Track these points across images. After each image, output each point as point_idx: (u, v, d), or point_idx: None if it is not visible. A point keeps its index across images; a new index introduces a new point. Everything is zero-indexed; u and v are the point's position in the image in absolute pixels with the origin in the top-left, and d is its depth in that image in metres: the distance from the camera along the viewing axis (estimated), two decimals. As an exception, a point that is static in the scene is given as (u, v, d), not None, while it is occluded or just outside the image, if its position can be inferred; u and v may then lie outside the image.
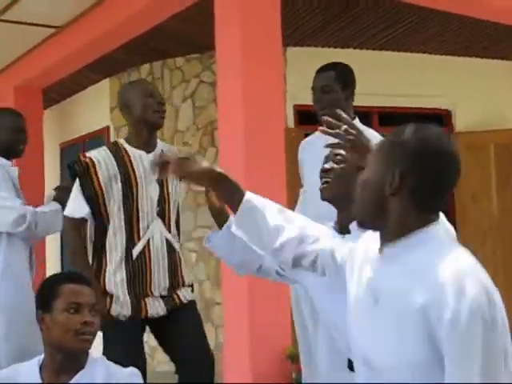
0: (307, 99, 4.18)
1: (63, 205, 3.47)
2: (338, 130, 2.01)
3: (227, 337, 4.34)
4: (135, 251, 3.11)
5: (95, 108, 7.61)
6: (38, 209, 3.57)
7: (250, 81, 4.22)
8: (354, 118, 3.38)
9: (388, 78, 6.57)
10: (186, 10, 5.07)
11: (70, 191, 3.47)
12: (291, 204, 4.51)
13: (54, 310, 2.10)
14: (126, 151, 3.19)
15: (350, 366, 2.25)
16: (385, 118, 6.73)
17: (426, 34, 6.32)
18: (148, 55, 6.70)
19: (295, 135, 5.98)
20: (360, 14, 5.79)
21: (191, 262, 6.23)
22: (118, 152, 3.19)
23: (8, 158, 3.66)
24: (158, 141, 3.32)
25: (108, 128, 7.41)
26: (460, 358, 1.35)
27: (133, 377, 2.11)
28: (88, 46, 5.95)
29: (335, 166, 2.38)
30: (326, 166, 2.40)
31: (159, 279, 3.15)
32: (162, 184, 3.19)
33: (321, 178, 2.42)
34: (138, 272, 3.13)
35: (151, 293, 3.15)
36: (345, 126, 2.00)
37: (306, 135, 6.34)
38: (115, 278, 3.11)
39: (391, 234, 1.55)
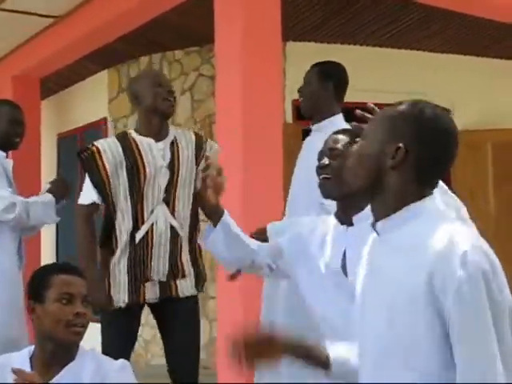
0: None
1: (57, 197, 3.52)
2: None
3: (220, 331, 4.34)
4: (138, 235, 3.17)
5: (93, 99, 7.60)
6: (30, 199, 3.57)
7: (249, 75, 4.21)
8: (337, 113, 3.45)
9: (387, 74, 6.56)
10: (186, 2, 5.06)
11: (64, 184, 3.54)
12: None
13: (45, 301, 2.10)
14: (133, 140, 3.25)
15: None
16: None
17: (426, 32, 6.31)
18: (147, 47, 6.69)
19: (293, 130, 5.98)
20: (361, 10, 5.79)
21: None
22: (125, 140, 3.26)
23: (4, 149, 3.66)
24: (171, 128, 3.37)
25: (106, 119, 7.40)
26: (468, 326, 1.34)
27: (123, 369, 2.11)
28: (87, 37, 5.93)
29: (332, 161, 2.38)
30: (323, 161, 2.40)
31: (159, 264, 3.18)
32: (173, 170, 3.23)
33: (318, 174, 2.42)
34: (139, 256, 3.18)
35: (150, 277, 3.19)
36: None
37: (304, 131, 6.39)
38: (119, 264, 3.19)
39: (385, 208, 1.54)
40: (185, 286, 3.26)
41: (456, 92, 6.85)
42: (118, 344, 3.12)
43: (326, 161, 2.40)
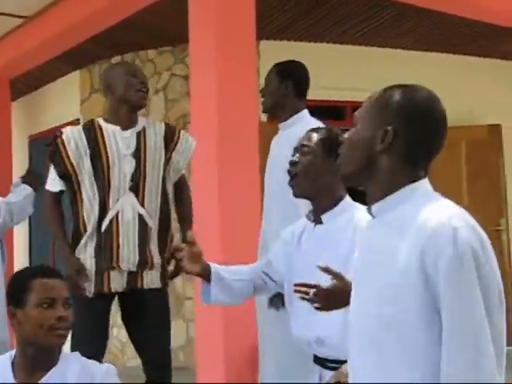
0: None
1: (33, 188, 3.55)
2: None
3: (199, 332, 4.33)
4: (104, 224, 3.18)
5: (65, 100, 7.54)
6: (11, 199, 3.55)
7: (223, 74, 4.21)
8: (301, 110, 3.48)
9: (360, 72, 6.60)
10: (159, 1, 5.04)
11: (37, 176, 3.56)
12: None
13: (26, 305, 2.07)
14: (100, 127, 3.27)
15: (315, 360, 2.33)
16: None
17: (398, 30, 6.36)
18: (119, 47, 6.65)
19: (268, 129, 5.98)
20: (333, 8, 5.81)
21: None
22: (91, 128, 3.28)
23: None
24: (141, 119, 3.37)
25: (78, 121, 7.35)
26: (459, 303, 1.38)
27: (109, 373, 2.09)
28: (57, 37, 5.88)
29: (301, 158, 2.40)
30: (293, 158, 2.42)
31: (128, 253, 3.18)
32: (138, 159, 3.24)
33: (289, 172, 2.43)
34: (105, 245, 3.18)
35: (118, 266, 3.19)
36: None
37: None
38: (85, 252, 3.21)
39: (380, 191, 1.57)
40: (150, 279, 3.25)
41: (428, 88, 6.90)
42: (90, 333, 3.13)
43: (295, 158, 2.43)
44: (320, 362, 2.32)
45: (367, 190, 1.61)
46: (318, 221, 2.39)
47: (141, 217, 3.20)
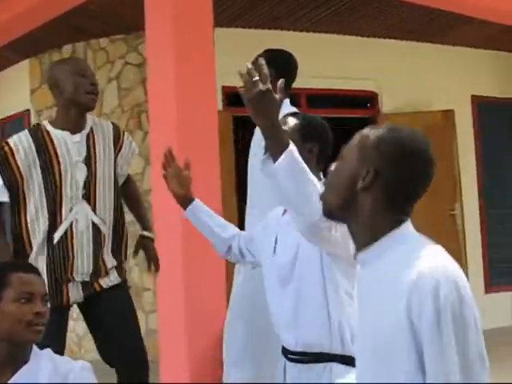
0: (235, 81, 4.15)
1: None
2: (249, 79, 1.95)
3: (161, 323, 4.31)
4: (56, 235, 3.07)
5: (15, 90, 7.39)
6: None
7: (181, 62, 4.18)
8: (283, 99, 3.47)
9: (316, 59, 6.61)
10: (112, -12, 4.97)
11: None
12: (224, 188, 4.51)
13: (2, 300, 2.04)
14: (48, 134, 3.11)
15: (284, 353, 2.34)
16: (313, 100, 6.79)
17: (354, 17, 6.39)
18: (70, 35, 6.54)
19: (224, 117, 5.97)
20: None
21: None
22: (38, 136, 3.11)
23: None
24: (88, 118, 3.22)
25: (28, 111, 7.21)
26: (437, 359, 1.42)
27: (84, 370, 2.06)
28: (6, 25, 5.74)
29: None
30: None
31: (83, 264, 3.10)
32: (89, 165, 3.12)
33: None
34: (59, 257, 3.07)
35: (72, 278, 3.10)
36: (256, 78, 1.95)
37: (234, 118, 6.39)
38: (36, 265, 3.01)
39: (362, 234, 1.59)
40: (107, 281, 3.18)
41: (384, 76, 6.98)
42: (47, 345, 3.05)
43: None
44: (286, 353, 2.33)
45: (350, 231, 1.63)
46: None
47: (94, 225, 3.11)
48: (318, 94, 6.88)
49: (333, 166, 1.67)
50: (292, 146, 1.97)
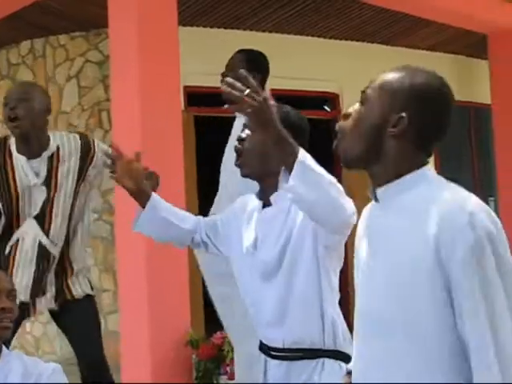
0: (197, 80, 4.17)
1: None
2: (240, 94, 1.85)
3: (123, 325, 4.28)
4: (7, 249, 3.07)
5: (-30, 86, 7.25)
6: None
7: (145, 61, 4.16)
8: None
9: (278, 60, 6.59)
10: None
11: None
12: (188, 185, 4.51)
13: None
14: (10, 152, 3.10)
15: (261, 348, 2.31)
16: (276, 100, 6.79)
17: (316, 18, 6.44)
18: (29, 31, 6.44)
19: (185, 117, 5.95)
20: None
21: (78, 249, 6.09)
22: (1, 150, 3.11)
23: None
24: (53, 137, 3.15)
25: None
26: (476, 286, 1.39)
27: (56, 373, 2.04)
28: (-37, 20, 5.65)
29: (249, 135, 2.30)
30: (241, 134, 2.35)
31: (21, 283, 3.04)
32: (49, 187, 3.09)
33: (236, 150, 2.36)
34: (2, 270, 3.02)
35: None
36: (248, 91, 1.84)
37: (196, 118, 6.37)
38: None
39: (386, 175, 1.55)
40: (44, 304, 3.15)
41: (345, 77, 7.04)
42: None
43: (243, 134, 2.33)
44: (269, 350, 2.29)
45: (371, 173, 1.58)
46: (266, 202, 2.30)
47: (42, 246, 3.07)
48: (279, 95, 6.89)
49: (353, 112, 1.58)
50: (302, 153, 1.89)
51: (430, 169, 1.57)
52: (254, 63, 3.52)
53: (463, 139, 8.12)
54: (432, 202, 1.46)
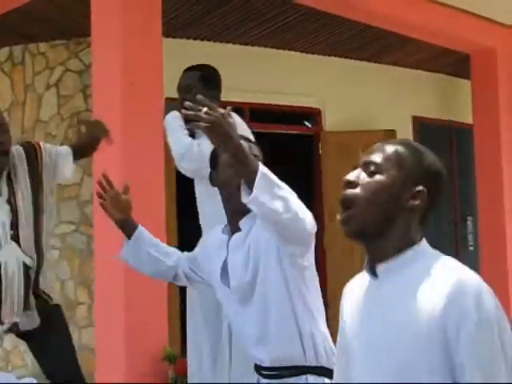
0: (174, 92, 4.17)
1: None
2: (198, 113, 2.02)
3: (99, 339, 4.26)
4: None
5: None
6: None
7: (128, 73, 4.17)
8: None
9: (261, 73, 6.68)
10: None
11: None
12: (168, 197, 4.50)
13: None
14: None
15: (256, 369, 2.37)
16: (256, 114, 6.85)
17: (299, 33, 6.49)
18: (7, 38, 6.41)
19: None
20: (236, 7, 5.86)
21: (53, 260, 6.05)
22: None
23: None
24: (12, 152, 3.13)
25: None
26: (482, 366, 1.43)
27: None
28: None
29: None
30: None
31: (12, 308, 3.03)
32: (12, 204, 3.07)
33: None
34: None
35: (1, 323, 3.04)
36: (205, 109, 2.00)
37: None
38: None
39: (387, 249, 1.57)
40: (27, 322, 3.11)
41: (326, 92, 7.10)
42: None
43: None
44: (259, 370, 2.35)
45: (372, 246, 1.59)
46: (234, 229, 2.37)
47: (25, 265, 3.05)
48: (261, 109, 6.94)
49: (365, 181, 1.58)
50: (262, 166, 2.01)
51: (425, 242, 1.60)
52: (211, 81, 3.60)
53: (444, 158, 8.19)
54: (435, 280, 1.49)
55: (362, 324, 1.60)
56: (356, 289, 1.67)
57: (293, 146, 7.28)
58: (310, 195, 7.00)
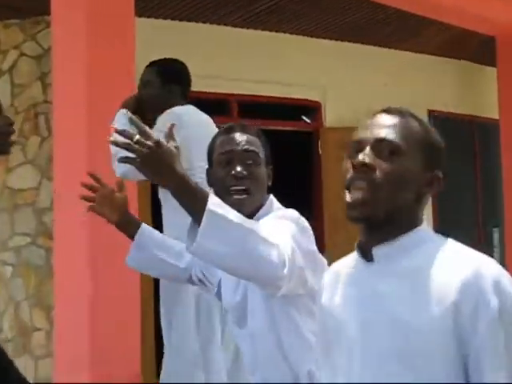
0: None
1: None
2: (129, 141, 1.83)
3: (59, 372, 4.26)
4: None
5: None
6: None
7: (95, 57, 4.17)
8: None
9: (248, 60, 6.69)
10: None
11: None
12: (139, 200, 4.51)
13: None
14: None
15: None
16: (245, 108, 6.85)
17: (298, 12, 6.49)
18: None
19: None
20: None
21: (5, 278, 6.04)
22: None
23: None
24: None
25: None
26: (500, 355, 1.47)
27: None
28: None
29: None
30: None
31: None
32: None
33: None
34: None
35: None
36: (137, 136, 1.83)
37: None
38: None
39: (386, 233, 1.62)
40: None
41: (328, 82, 7.13)
42: None
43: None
44: None
45: (375, 230, 1.63)
46: None
47: None
48: (252, 102, 6.95)
49: (384, 164, 1.62)
50: (212, 200, 1.86)
51: (427, 226, 1.67)
52: (172, 75, 3.76)
53: (465, 161, 8.22)
54: (446, 264, 1.55)
55: (357, 310, 1.64)
56: (343, 272, 1.71)
57: (289, 144, 7.29)
58: (309, 203, 7.02)
